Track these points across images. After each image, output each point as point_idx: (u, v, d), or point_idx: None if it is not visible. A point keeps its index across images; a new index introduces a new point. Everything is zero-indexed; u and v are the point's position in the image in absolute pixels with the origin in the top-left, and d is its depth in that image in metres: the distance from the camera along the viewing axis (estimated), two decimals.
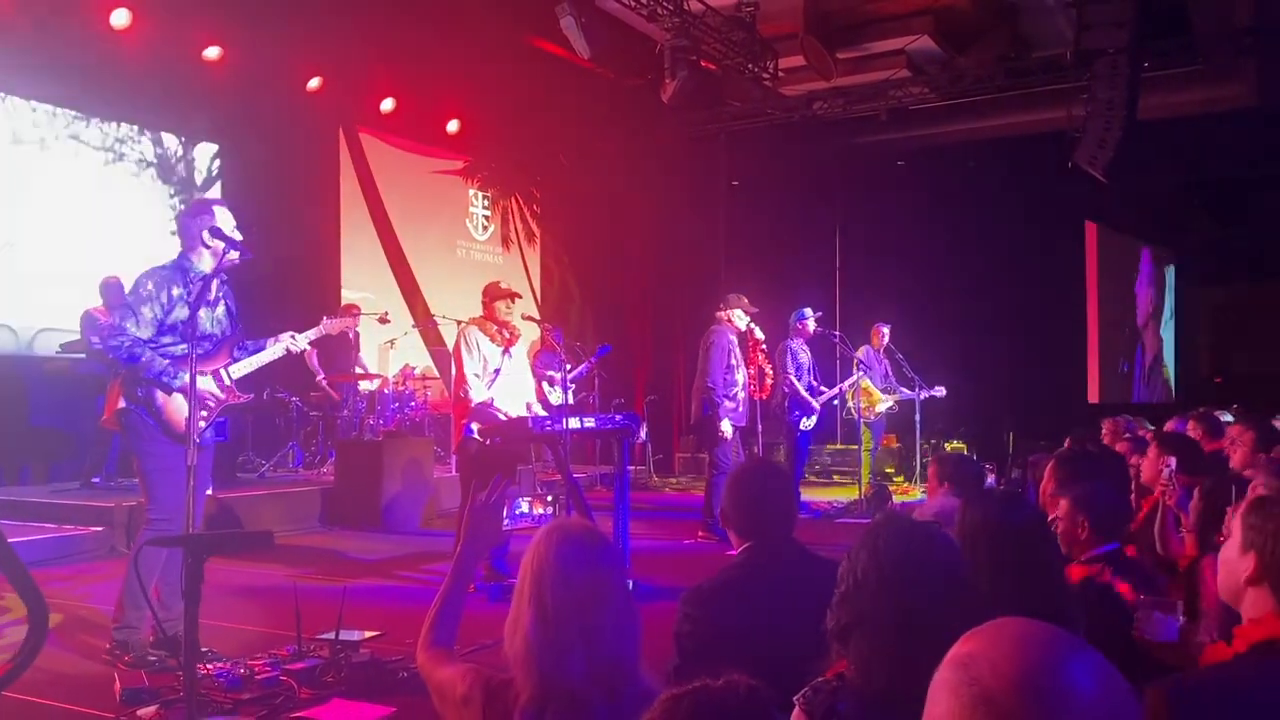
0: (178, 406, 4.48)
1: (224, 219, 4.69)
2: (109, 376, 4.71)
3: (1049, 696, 1.02)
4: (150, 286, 4.51)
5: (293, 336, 4.97)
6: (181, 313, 4.53)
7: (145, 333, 4.47)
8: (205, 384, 4.59)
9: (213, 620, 4.99)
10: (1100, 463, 3.99)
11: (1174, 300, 21.41)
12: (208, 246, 4.64)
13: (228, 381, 4.72)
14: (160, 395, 4.50)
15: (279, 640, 4.77)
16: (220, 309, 4.77)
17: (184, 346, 4.47)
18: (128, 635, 4.53)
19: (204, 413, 4.58)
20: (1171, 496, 4.00)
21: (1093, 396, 17.92)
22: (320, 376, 10.29)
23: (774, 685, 1.59)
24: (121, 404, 4.58)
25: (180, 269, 4.64)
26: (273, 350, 4.92)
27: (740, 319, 8.42)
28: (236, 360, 4.79)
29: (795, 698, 1.89)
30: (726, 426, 8.13)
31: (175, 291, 4.54)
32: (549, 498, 5.23)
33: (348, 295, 11.31)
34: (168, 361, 4.49)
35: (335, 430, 10.25)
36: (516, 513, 6.78)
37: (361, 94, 11.47)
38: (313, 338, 5.14)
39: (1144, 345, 20.23)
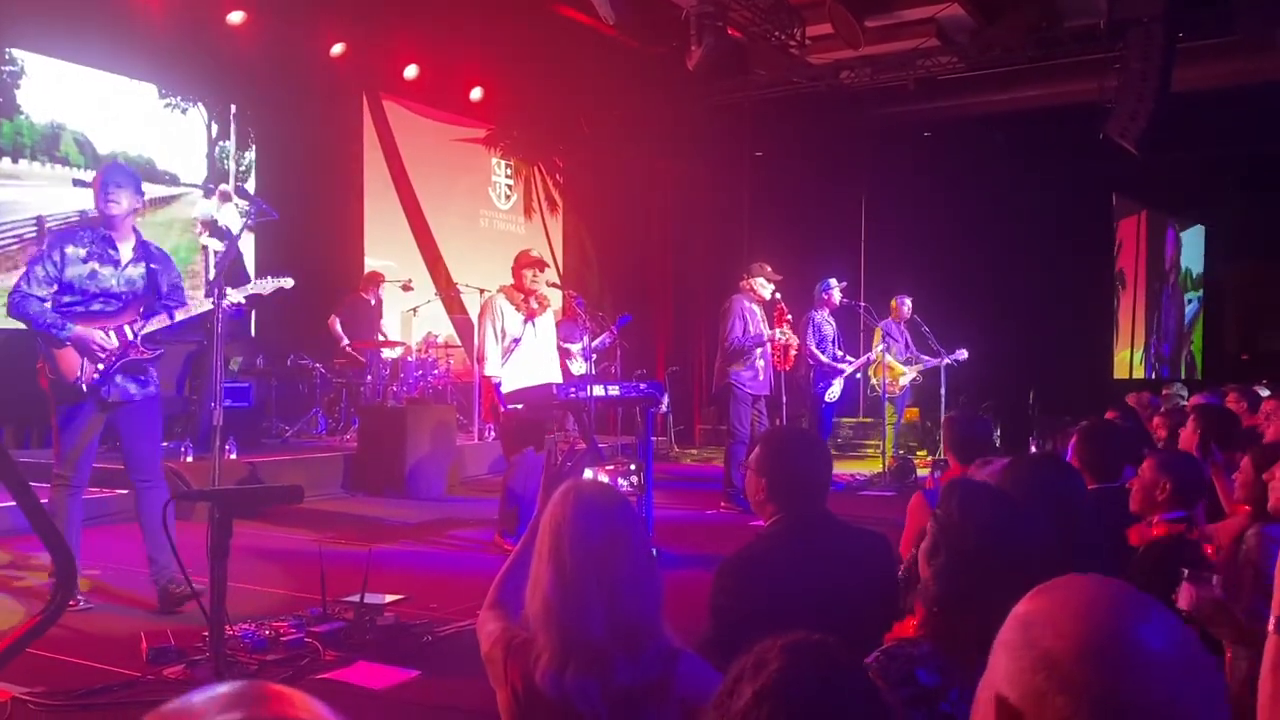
0: (67, 358, 4.66)
1: (103, 181, 4.77)
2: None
3: (1117, 659, 0.96)
4: (45, 246, 4.77)
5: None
6: (79, 270, 4.68)
7: (39, 290, 4.63)
8: (94, 334, 4.67)
9: (237, 583, 5.01)
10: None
11: (1202, 275, 21.19)
12: (100, 210, 4.78)
13: (131, 337, 4.77)
14: (53, 349, 4.66)
15: (303, 603, 4.80)
16: (138, 270, 4.84)
17: (89, 305, 4.69)
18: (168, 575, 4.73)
19: (99, 365, 4.68)
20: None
21: (1118, 372, 17.81)
22: (345, 343, 10.31)
23: None
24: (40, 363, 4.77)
25: (80, 232, 4.82)
26: (191, 309, 4.94)
27: (763, 287, 8.34)
28: (147, 320, 4.82)
29: (867, 661, 1.80)
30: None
31: (70, 250, 4.68)
32: (631, 465, 5.19)
33: (370, 263, 11.31)
34: (57, 315, 4.63)
35: (359, 397, 10.29)
36: None
37: (385, 60, 11.41)
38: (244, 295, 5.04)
39: (1168, 315, 20.10)
